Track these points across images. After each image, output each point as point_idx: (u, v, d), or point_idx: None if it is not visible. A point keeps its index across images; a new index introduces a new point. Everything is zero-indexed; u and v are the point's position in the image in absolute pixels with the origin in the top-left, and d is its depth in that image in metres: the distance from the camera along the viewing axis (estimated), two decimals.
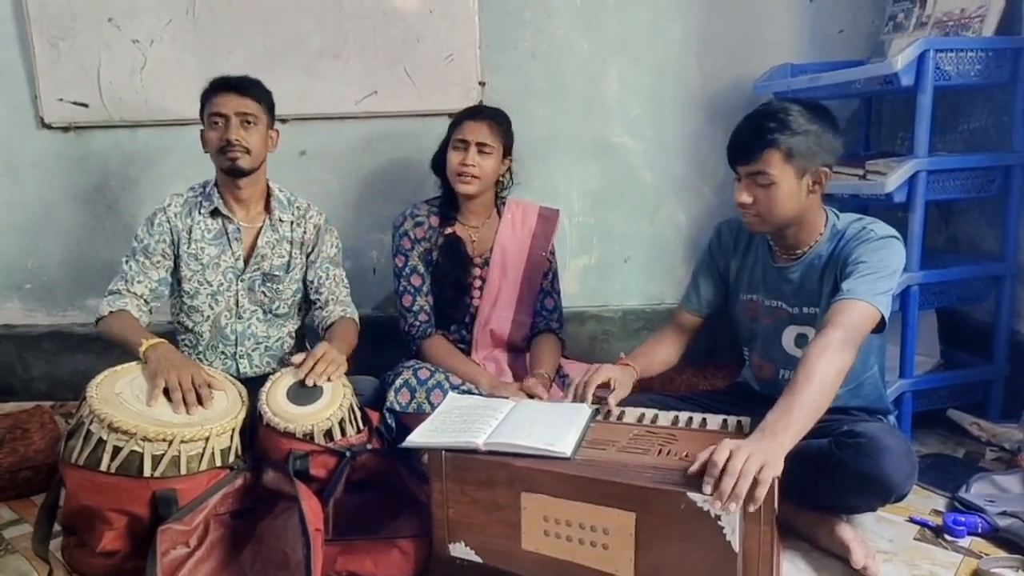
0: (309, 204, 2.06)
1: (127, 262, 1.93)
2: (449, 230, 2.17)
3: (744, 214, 1.65)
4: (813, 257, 1.67)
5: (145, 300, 1.90)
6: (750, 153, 1.59)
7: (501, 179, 2.22)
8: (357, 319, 2.06)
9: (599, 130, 2.61)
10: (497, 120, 2.12)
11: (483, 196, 2.17)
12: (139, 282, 1.90)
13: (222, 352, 2.01)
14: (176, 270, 1.96)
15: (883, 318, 1.51)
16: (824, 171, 1.60)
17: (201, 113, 1.93)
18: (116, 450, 1.46)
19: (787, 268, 1.71)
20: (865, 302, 1.49)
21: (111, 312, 1.86)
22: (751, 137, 1.59)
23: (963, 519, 1.64)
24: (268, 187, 2.02)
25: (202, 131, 1.94)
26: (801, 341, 1.71)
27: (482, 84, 2.53)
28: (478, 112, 2.15)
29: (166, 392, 1.60)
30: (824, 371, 1.39)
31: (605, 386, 1.68)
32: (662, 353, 1.87)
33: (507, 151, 2.16)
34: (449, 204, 2.20)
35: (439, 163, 2.18)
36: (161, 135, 2.54)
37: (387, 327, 2.30)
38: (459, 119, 2.14)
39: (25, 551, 1.65)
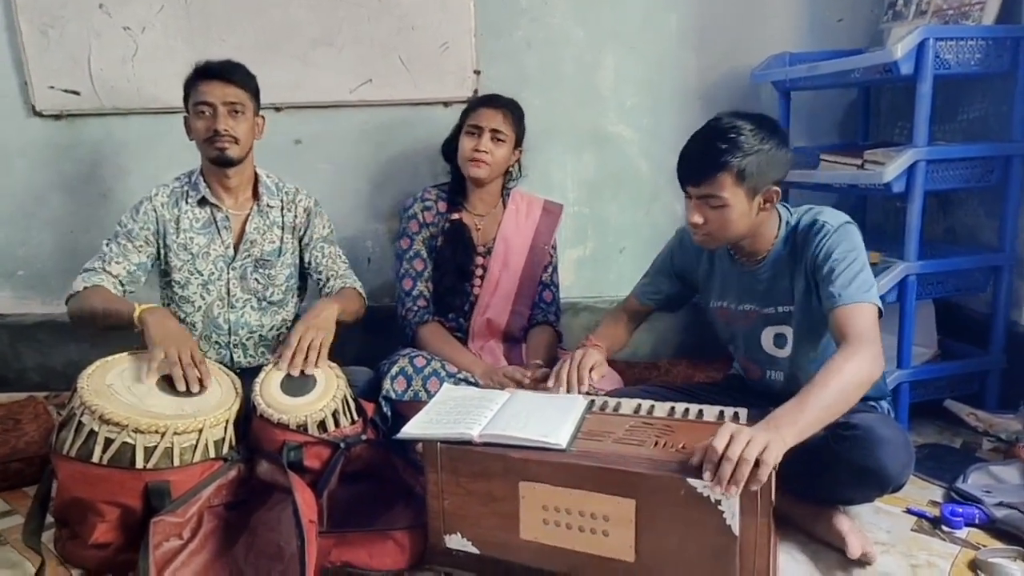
0: (298, 188, 2.05)
1: (107, 244, 1.90)
2: (455, 216, 2.17)
3: (695, 232, 1.62)
4: (775, 257, 1.66)
5: (120, 281, 1.87)
6: (700, 175, 1.53)
7: (510, 170, 2.22)
8: (361, 289, 2.05)
9: (595, 120, 2.60)
10: (512, 110, 2.14)
11: (491, 185, 2.18)
12: (117, 263, 1.87)
13: (215, 342, 1.99)
14: (164, 261, 1.94)
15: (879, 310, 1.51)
16: (775, 190, 1.56)
17: (185, 100, 1.90)
18: (108, 442, 1.45)
19: (754, 271, 1.69)
20: (866, 303, 1.48)
21: (85, 288, 1.81)
22: (701, 159, 1.53)
23: (960, 510, 1.64)
24: (256, 173, 2.00)
25: (186, 118, 1.91)
26: (780, 341, 1.69)
27: (477, 73, 2.51)
28: (494, 100, 2.15)
29: (165, 378, 1.58)
30: (846, 378, 1.36)
31: (590, 370, 1.70)
32: (619, 334, 1.91)
33: (518, 141, 2.17)
34: (457, 190, 2.20)
35: (450, 149, 2.18)
36: (153, 123, 2.51)
37: (382, 318, 2.29)
38: (474, 105, 2.16)
39: (16, 543, 1.63)
